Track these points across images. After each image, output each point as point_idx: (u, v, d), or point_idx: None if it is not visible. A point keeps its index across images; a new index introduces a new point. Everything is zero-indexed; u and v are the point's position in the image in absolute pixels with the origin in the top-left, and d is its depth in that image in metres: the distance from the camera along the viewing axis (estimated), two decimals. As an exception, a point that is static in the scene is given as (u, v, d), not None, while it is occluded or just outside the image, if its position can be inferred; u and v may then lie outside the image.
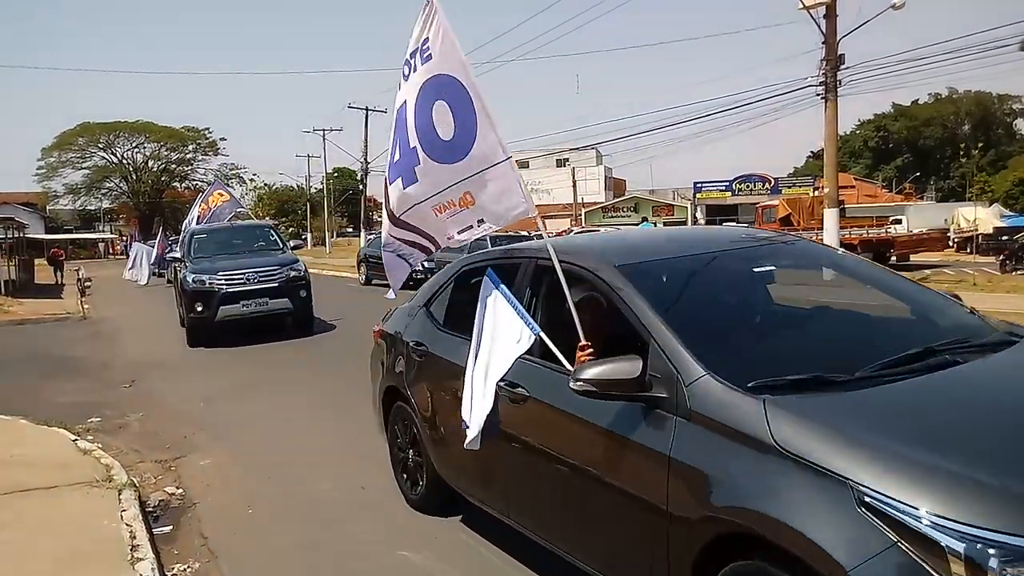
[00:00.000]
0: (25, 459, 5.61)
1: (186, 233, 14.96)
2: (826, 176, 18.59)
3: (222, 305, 11.55)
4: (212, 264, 12.15)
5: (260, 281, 11.78)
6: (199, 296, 11.62)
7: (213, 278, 11.67)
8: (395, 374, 4.58)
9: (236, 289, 11.63)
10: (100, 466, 5.47)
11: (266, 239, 13.85)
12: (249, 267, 11.96)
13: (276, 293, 11.87)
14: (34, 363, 11.18)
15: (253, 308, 11.73)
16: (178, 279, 13.63)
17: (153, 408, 7.91)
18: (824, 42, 17.28)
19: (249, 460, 5.92)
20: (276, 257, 12.77)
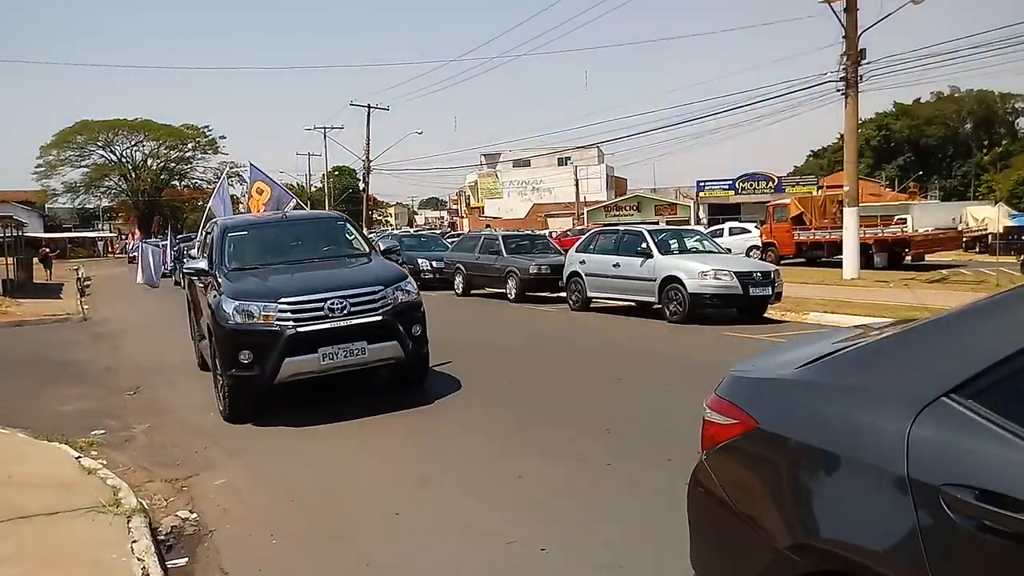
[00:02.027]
0: (25, 479, 5.16)
1: (211, 230, 8.99)
2: (846, 174, 18.23)
3: (289, 356, 6.57)
4: (265, 282, 7.14)
5: (351, 312, 6.76)
6: (247, 339, 6.63)
7: (271, 307, 6.67)
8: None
9: (312, 327, 6.65)
10: (106, 488, 5.01)
11: (336, 238, 8.59)
12: (329, 287, 6.90)
13: (378, 332, 6.86)
14: (33, 367, 10.72)
15: (341, 360, 6.73)
16: (197, 302, 8.79)
17: (160, 419, 7.46)
18: (844, 36, 16.90)
19: (268, 480, 5.46)
20: (366, 268, 7.67)
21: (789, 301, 12.81)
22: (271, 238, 8.46)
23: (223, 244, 7.88)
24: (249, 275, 7.36)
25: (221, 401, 7.07)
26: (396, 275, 7.38)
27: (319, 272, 7.55)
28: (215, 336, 6.98)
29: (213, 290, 7.25)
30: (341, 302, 6.71)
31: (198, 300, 8.78)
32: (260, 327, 6.63)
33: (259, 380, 6.66)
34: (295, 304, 6.65)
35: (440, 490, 4.99)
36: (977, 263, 25.93)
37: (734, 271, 11.73)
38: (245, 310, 6.66)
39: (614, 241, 13.82)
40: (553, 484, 4.97)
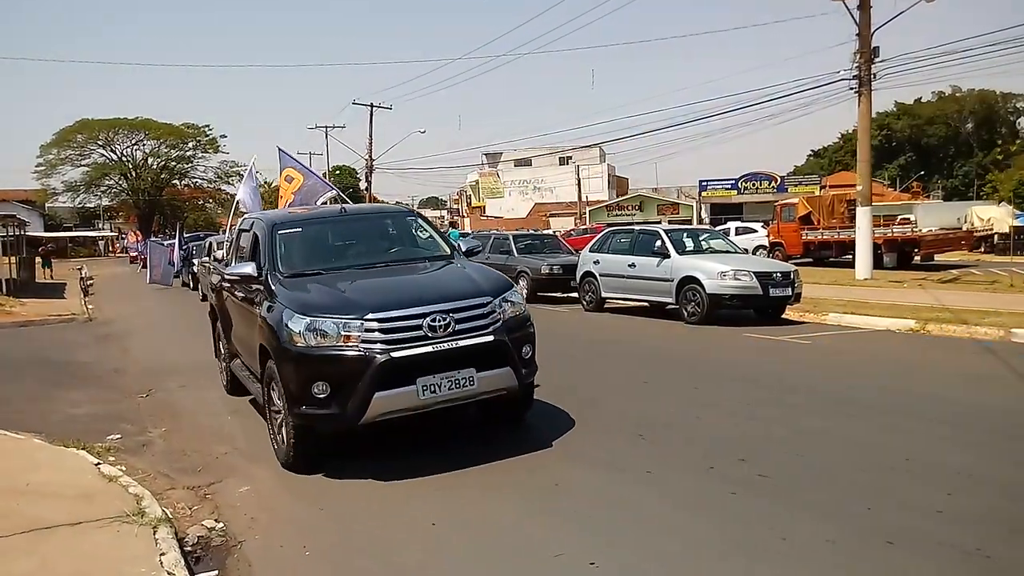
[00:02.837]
0: (44, 488, 4.98)
1: (248, 226, 7.41)
2: (859, 173, 18.04)
3: (380, 389, 5.06)
4: (339, 292, 5.58)
5: (457, 331, 5.28)
6: (324, 367, 5.15)
7: (355, 325, 5.15)
8: None
9: (410, 351, 5.13)
10: (129, 496, 4.83)
11: (409, 237, 7.14)
12: (427, 298, 5.38)
13: (490, 356, 5.37)
14: (42, 369, 10.53)
15: (444, 393, 5.22)
16: (227, 312, 7.60)
17: (176, 422, 7.28)
18: (858, 34, 16.72)
19: (294, 485, 5.27)
20: (462, 274, 6.09)
21: (806, 302, 12.63)
22: (331, 237, 6.97)
23: (273, 244, 6.34)
24: (312, 283, 5.81)
25: (280, 444, 5.59)
26: (502, 283, 5.89)
27: (404, 279, 6.08)
28: (277, 362, 5.35)
29: (266, 301, 5.80)
30: (444, 318, 5.21)
31: (228, 310, 7.53)
32: (341, 351, 5.09)
33: (338, 420, 5.14)
34: (387, 321, 5.12)
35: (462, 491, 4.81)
36: (986, 263, 25.77)
37: (754, 271, 11.54)
38: (319, 328, 5.14)
39: (629, 241, 13.62)
40: (592, 493, 4.79)
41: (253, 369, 6.53)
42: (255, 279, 6.15)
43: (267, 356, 5.61)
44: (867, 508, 4.28)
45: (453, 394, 5.24)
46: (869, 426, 6.01)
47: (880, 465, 5.02)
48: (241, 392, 7.56)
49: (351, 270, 6.23)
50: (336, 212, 7.45)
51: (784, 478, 4.82)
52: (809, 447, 5.47)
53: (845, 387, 7.51)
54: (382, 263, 6.45)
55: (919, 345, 9.95)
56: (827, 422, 6.12)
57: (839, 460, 5.17)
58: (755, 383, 7.75)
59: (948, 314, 11.28)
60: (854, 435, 5.76)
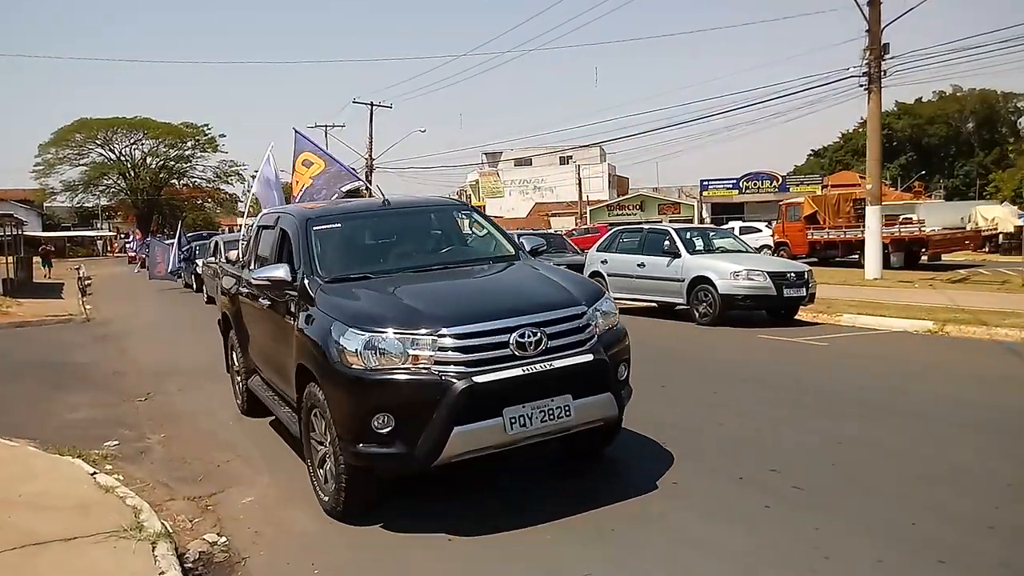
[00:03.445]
0: (38, 499, 4.72)
1: (270, 223, 6.35)
2: (869, 172, 17.80)
3: (461, 423, 4.03)
4: (399, 299, 4.61)
5: (550, 349, 4.29)
6: (388, 395, 4.12)
7: (425, 341, 4.13)
8: None
9: (497, 375, 4.11)
10: (126, 508, 4.57)
11: (462, 233, 6.23)
12: (510, 307, 4.41)
13: (589, 380, 4.39)
14: (39, 371, 10.27)
15: (536, 427, 4.20)
16: (241, 319, 6.74)
17: (175, 427, 7.02)
18: (868, 31, 16.48)
19: (300, 497, 5.00)
20: (543, 278, 5.05)
21: (818, 303, 12.37)
22: (375, 234, 5.91)
23: (308, 243, 5.27)
24: (361, 289, 4.78)
25: (323, 485, 4.60)
26: (593, 288, 4.91)
27: (476, 283, 5.09)
28: (324, 388, 4.33)
29: (304, 311, 4.78)
30: (534, 333, 4.19)
31: (247, 320, 6.54)
32: (409, 375, 4.06)
33: (405, 461, 4.10)
34: (466, 336, 4.09)
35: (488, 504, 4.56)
36: (993, 263, 25.54)
37: (767, 271, 11.29)
38: (379, 346, 4.09)
39: (638, 240, 13.35)
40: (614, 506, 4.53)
41: (282, 391, 5.57)
42: (288, 284, 5.08)
43: (307, 378, 4.59)
44: (912, 523, 4.03)
45: (546, 427, 4.18)
46: (904, 433, 5.75)
47: (920, 475, 4.76)
48: (260, 413, 6.71)
49: (404, 273, 5.14)
50: (378, 204, 6.11)
51: (820, 490, 4.56)
52: (843, 456, 5.21)
53: (873, 392, 7.25)
54: (439, 264, 5.43)
55: (940, 347, 9.70)
56: (859, 429, 5.86)
57: (876, 470, 4.92)
58: (776, 387, 7.50)
59: (965, 315, 11.03)
60: (889, 443, 5.50)
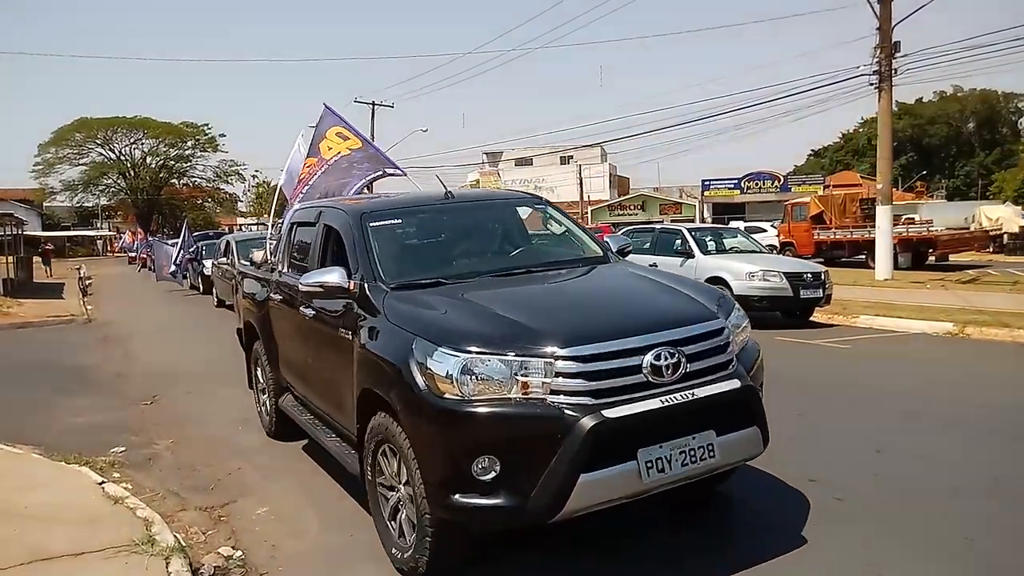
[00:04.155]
0: (44, 511, 4.52)
1: (311, 219, 5.41)
2: (879, 171, 17.62)
3: (589, 469, 3.16)
4: (496, 314, 3.63)
5: (689, 373, 3.44)
6: (490, 432, 3.24)
7: (538, 364, 3.26)
8: None
9: (632, 408, 3.24)
10: (137, 520, 4.38)
11: (517, 232, 5.28)
12: (637, 321, 3.57)
13: (732, 411, 3.53)
14: (41, 373, 10.07)
15: (676, 471, 3.34)
16: (269, 327, 6.00)
17: (183, 432, 6.82)
18: (878, 28, 16.31)
19: (318, 507, 4.81)
20: (655, 283, 4.28)
21: (833, 304, 12.17)
22: (441, 232, 5.07)
23: (365, 242, 4.47)
24: (437, 297, 3.96)
25: (396, 539, 3.81)
26: (724, 298, 4.07)
27: (581, 291, 4.33)
28: (406, 421, 3.49)
29: (365, 324, 4.00)
30: (672, 354, 3.39)
31: (281, 331, 5.74)
32: (521, 407, 3.23)
33: (515, 515, 3.26)
34: (591, 359, 3.27)
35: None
36: (1000, 263, 25.37)
37: (783, 272, 11.09)
38: (479, 370, 3.26)
39: (650, 240, 13.14)
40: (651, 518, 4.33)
41: (328, 416, 4.84)
42: (344, 291, 4.24)
43: (374, 407, 3.80)
44: (964, 538, 3.83)
45: (687, 472, 3.35)
46: (942, 440, 5.55)
47: (967, 487, 4.56)
48: (292, 436, 6.08)
49: (483, 278, 4.34)
50: (438, 198, 5.22)
51: (864, 502, 4.36)
52: (885, 466, 5.00)
53: (905, 396, 7.03)
54: (521, 267, 4.59)
55: (964, 350, 9.49)
56: (897, 437, 5.65)
57: (919, 480, 4.71)
58: (803, 391, 7.27)
59: (984, 317, 10.85)
60: (928, 451, 5.30)
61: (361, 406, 3.95)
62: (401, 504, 3.74)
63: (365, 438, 3.94)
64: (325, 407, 4.91)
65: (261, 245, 14.60)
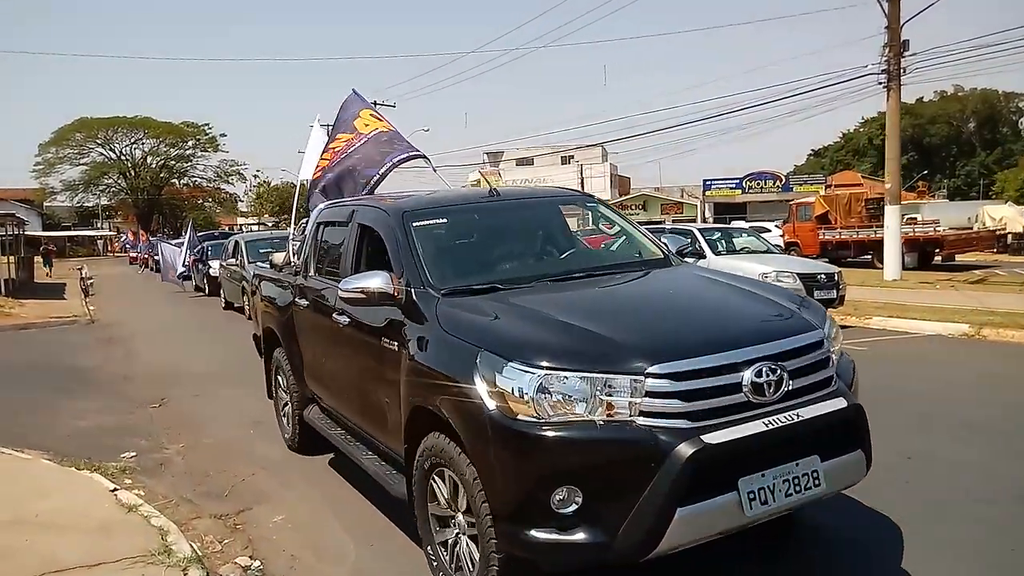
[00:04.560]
0: (55, 519, 4.39)
1: (345, 217, 4.97)
2: (888, 171, 17.52)
3: (686, 502, 2.80)
4: (568, 321, 3.29)
5: (792, 391, 3.10)
6: (570, 459, 2.88)
7: (622, 381, 2.89)
8: None
9: (732, 433, 2.88)
10: (152, 529, 4.25)
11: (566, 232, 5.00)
12: (733, 333, 3.22)
13: (838, 433, 3.20)
14: (45, 375, 9.95)
15: (779, 502, 2.97)
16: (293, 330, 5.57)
17: (193, 436, 6.70)
18: (887, 27, 16.19)
19: (337, 514, 4.69)
20: (737, 289, 3.89)
21: (844, 304, 12.04)
22: (489, 232, 4.68)
23: (409, 243, 4.08)
24: (498, 304, 3.56)
25: (454, 571, 3.42)
26: (816, 306, 3.72)
27: (659, 297, 3.94)
28: (472, 444, 3.10)
29: (414, 334, 3.62)
30: (773, 369, 3.04)
31: (309, 339, 5.32)
32: (607, 430, 2.87)
33: (599, 553, 2.89)
34: (686, 377, 2.92)
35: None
36: (1006, 263, 25.27)
37: (797, 272, 10.95)
38: (557, 389, 2.90)
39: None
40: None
41: (373, 436, 4.39)
42: (389, 298, 3.82)
43: (427, 426, 3.42)
44: (1011, 549, 3.71)
45: (790, 502, 3.00)
46: (973, 446, 5.41)
47: (1003, 495, 4.42)
48: (316, 450, 5.71)
49: (543, 282, 3.94)
50: (483, 195, 4.93)
51: (898, 511, 4.23)
52: (918, 473, 4.86)
53: (930, 400, 6.87)
54: (581, 271, 4.19)
55: (983, 352, 9.34)
56: (927, 442, 5.51)
57: (954, 488, 4.59)
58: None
59: (999, 317, 10.72)
60: (960, 457, 5.16)
61: (411, 425, 3.57)
62: (459, 535, 3.35)
63: (415, 460, 3.53)
64: (362, 423, 4.54)
65: (271, 245, 14.38)
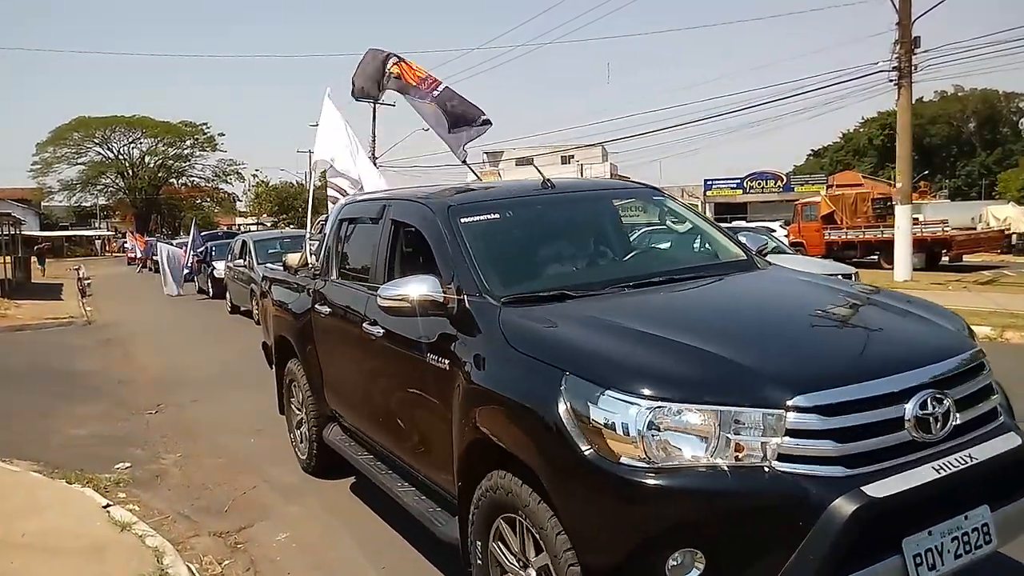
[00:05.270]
0: (44, 540, 4.10)
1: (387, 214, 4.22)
2: (899, 170, 17.25)
3: (843, 570, 2.20)
4: (673, 338, 2.61)
5: (961, 426, 2.52)
6: (689, 514, 2.28)
7: (753, 416, 2.28)
8: None
9: (905, 482, 2.29)
10: (146, 550, 3.97)
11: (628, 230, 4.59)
12: (888, 355, 2.60)
13: (1004, 475, 2.53)
14: (39, 379, 9.67)
15: (949, 564, 2.34)
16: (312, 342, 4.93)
17: (192, 445, 6.41)
18: (898, 23, 15.93)
19: (347, 530, 4.41)
20: (862, 296, 3.37)
21: (858, 306, 11.78)
22: (548, 230, 4.06)
23: (458, 243, 3.48)
24: (574, 315, 2.99)
25: None
26: (958, 317, 3.17)
27: (766, 304, 3.31)
28: (558, 492, 2.50)
29: (471, 348, 3.07)
30: (939, 399, 2.47)
31: (323, 347, 4.80)
32: (738, 479, 2.27)
33: None
34: (839, 409, 2.33)
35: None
36: (1014, 264, 25.03)
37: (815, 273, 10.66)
38: (673, 425, 2.32)
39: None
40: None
41: (412, 466, 3.83)
42: (439, 306, 3.24)
43: (489, 462, 2.86)
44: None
45: (959, 564, 2.38)
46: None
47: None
48: (335, 473, 5.15)
49: (621, 289, 3.32)
50: (535, 187, 4.13)
51: None
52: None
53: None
54: (658, 274, 3.54)
55: (1008, 355, 9.03)
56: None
57: None
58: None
59: (1020, 320, 10.45)
60: None
61: (467, 459, 2.99)
62: None
63: (473, 502, 2.95)
64: (398, 450, 3.95)
65: (282, 245, 13.93)
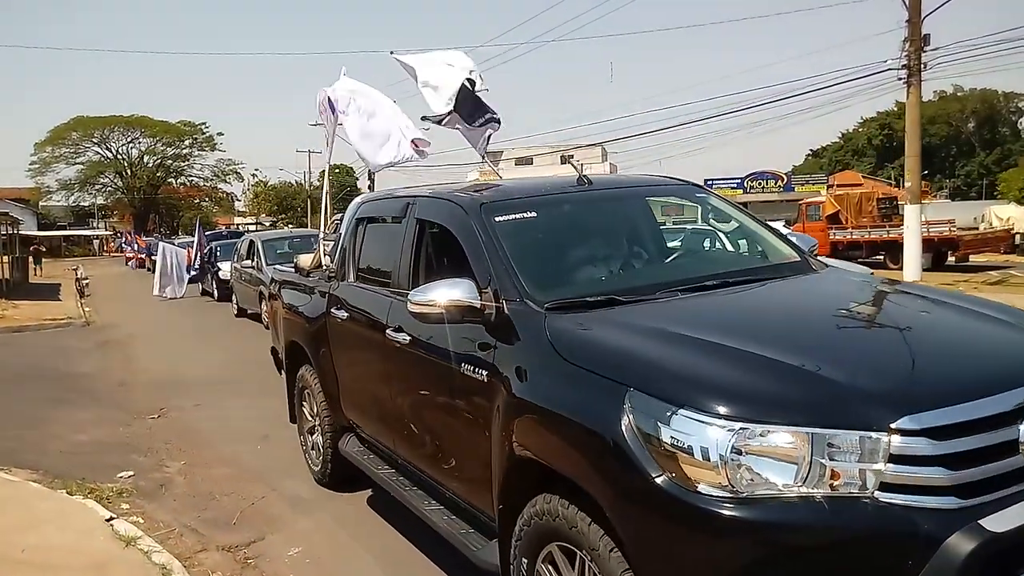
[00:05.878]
0: (45, 556, 3.88)
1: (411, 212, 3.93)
2: (908, 169, 17.07)
3: None
4: (750, 350, 2.31)
5: None
6: (794, 550, 2.00)
7: (849, 439, 2.00)
8: None
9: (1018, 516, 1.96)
10: (152, 567, 3.76)
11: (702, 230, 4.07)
12: (997, 368, 2.33)
13: None
14: (38, 382, 9.44)
15: None
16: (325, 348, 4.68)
17: (196, 452, 6.20)
18: (908, 21, 15.75)
19: (362, 545, 4.20)
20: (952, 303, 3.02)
21: (871, 307, 11.59)
22: (590, 230, 3.78)
23: (493, 244, 3.20)
24: (631, 323, 2.73)
25: None
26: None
27: (844, 312, 3.04)
28: (621, 521, 2.21)
29: (512, 358, 2.79)
30: None
31: (340, 354, 4.55)
32: (837, 510, 1.98)
33: None
34: (949, 432, 2.03)
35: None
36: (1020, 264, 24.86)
37: (828, 274, 10.48)
38: (759, 449, 2.03)
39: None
40: None
41: (442, 484, 3.53)
42: (476, 312, 2.98)
43: (537, 484, 2.59)
44: None
45: None
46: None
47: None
48: (350, 485, 4.93)
49: (674, 293, 3.02)
50: (571, 184, 3.84)
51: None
52: None
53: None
54: (712, 277, 3.23)
55: None
56: None
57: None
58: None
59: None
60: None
61: (510, 480, 2.72)
62: None
63: (517, 528, 2.67)
64: (426, 466, 3.65)
65: (291, 246, 13.55)
